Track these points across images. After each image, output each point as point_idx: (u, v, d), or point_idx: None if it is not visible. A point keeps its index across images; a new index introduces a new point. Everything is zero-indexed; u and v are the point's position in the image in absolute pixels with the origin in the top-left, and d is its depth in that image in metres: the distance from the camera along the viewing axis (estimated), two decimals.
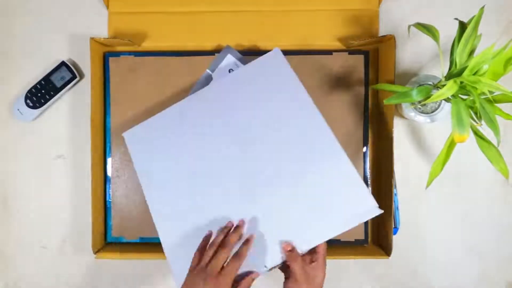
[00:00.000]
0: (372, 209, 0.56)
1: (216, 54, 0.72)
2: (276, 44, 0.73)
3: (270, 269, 0.58)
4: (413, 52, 0.73)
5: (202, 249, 0.56)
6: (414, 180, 0.72)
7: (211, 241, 0.57)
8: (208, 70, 0.72)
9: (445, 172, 0.59)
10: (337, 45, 0.73)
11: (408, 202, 0.73)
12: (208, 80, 0.72)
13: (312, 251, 0.58)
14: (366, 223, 0.72)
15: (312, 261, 0.57)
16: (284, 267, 0.58)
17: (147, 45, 0.74)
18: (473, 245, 0.74)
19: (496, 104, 0.56)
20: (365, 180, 0.72)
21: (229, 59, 0.71)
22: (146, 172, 0.64)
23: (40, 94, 0.72)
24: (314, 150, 0.59)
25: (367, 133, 0.72)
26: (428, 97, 0.58)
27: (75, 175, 0.74)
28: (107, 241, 0.73)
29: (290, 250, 0.57)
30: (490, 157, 0.57)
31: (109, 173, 0.73)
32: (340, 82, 0.72)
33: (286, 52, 0.72)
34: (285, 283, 0.57)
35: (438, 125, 0.69)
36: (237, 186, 0.60)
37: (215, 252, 0.54)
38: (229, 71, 0.71)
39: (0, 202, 0.75)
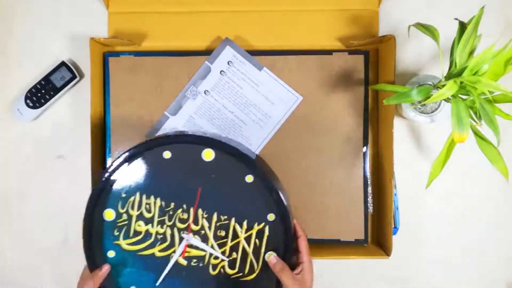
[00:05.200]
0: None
1: None
2: (276, 44, 0.73)
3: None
4: (413, 52, 0.73)
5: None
6: (414, 180, 0.72)
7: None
8: (207, 62, 0.72)
9: (445, 172, 0.59)
10: (337, 45, 0.73)
11: (408, 202, 0.73)
12: (206, 72, 0.72)
13: (295, 251, 0.59)
14: (366, 223, 0.72)
15: (298, 264, 0.58)
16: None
17: (147, 45, 0.74)
18: (473, 245, 0.74)
19: (496, 104, 0.56)
20: (365, 180, 0.72)
21: (228, 52, 0.72)
22: None
23: (40, 94, 0.72)
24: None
25: (367, 133, 0.72)
26: (428, 97, 0.58)
27: (75, 175, 0.74)
28: None
29: (275, 263, 0.58)
30: (490, 157, 0.57)
31: None
32: (340, 82, 0.72)
33: (286, 52, 0.73)
34: None
35: (438, 125, 0.69)
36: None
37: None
38: (228, 64, 0.71)
39: (0, 202, 0.75)
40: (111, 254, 0.60)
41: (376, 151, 0.73)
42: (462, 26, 0.56)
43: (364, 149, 0.72)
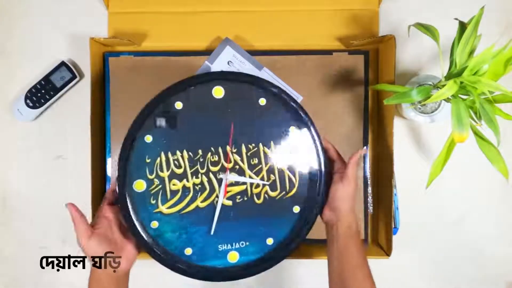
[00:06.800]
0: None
1: None
2: (275, 43, 0.73)
3: None
4: (413, 52, 0.73)
5: None
6: (414, 180, 0.72)
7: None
8: (207, 62, 0.72)
9: (445, 172, 0.59)
10: (337, 45, 0.73)
11: (408, 202, 0.73)
12: (206, 71, 0.72)
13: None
14: (366, 223, 0.72)
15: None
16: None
17: (147, 45, 0.74)
18: (473, 245, 0.74)
19: (496, 104, 0.57)
20: (365, 180, 0.72)
21: (228, 51, 0.72)
22: None
23: (40, 94, 0.72)
24: None
25: (367, 133, 0.72)
26: (428, 97, 0.58)
27: (75, 175, 0.74)
28: None
29: (359, 157, 0.62)
30: (490, 157, 0.57)
31: (109, 173, 0.73)
32: (340, 82, 0.72)
33: (286, 52, 0.73)
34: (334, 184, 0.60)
35: (438, 125, 0.69)
36: None
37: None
38: (228, 64, 0.71)
39: (0, 202, 0.75)
40: (154, 224, 0.58)
41: (376, 151, 0.73)
42: (462, 26, 0.56)
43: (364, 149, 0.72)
